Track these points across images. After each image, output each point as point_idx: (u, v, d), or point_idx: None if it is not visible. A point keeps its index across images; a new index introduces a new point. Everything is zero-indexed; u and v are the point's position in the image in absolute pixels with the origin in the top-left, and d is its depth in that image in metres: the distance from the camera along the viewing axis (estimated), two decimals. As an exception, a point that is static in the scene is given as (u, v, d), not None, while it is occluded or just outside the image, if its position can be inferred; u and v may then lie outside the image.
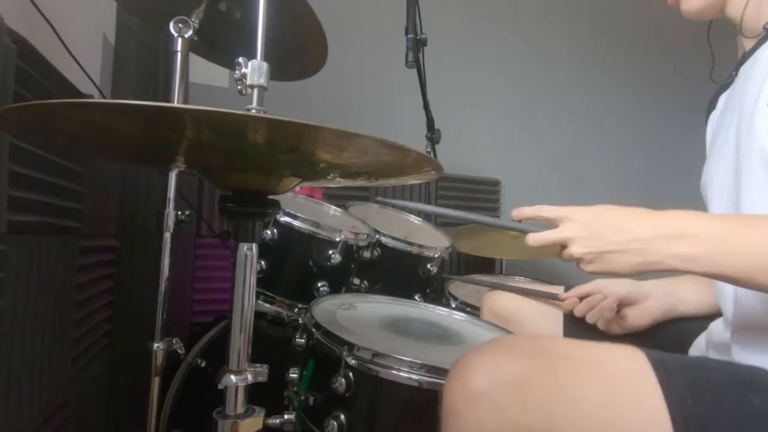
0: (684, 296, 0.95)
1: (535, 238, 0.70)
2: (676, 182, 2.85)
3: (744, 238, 0.59)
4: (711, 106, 0.89)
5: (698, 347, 0.89)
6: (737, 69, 0.82)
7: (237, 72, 0.64)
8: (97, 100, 0.43)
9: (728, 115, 0.81)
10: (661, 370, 0.57)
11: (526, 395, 0.57)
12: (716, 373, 0.61)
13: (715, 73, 0.87)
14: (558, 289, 1.02)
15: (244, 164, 0.64)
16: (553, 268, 2.46)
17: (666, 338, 0.95)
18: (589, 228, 0.65)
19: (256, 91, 0.64)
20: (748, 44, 0.79)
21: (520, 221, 0.73)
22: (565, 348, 0.64)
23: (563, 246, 0.68)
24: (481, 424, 0.57)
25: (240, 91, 0.65)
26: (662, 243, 0.62)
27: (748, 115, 0.74)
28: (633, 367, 0.59)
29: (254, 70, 0.64)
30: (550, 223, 0.69)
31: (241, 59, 0.64)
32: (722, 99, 0.86)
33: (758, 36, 0.77)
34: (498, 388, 0.58)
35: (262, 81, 0.64)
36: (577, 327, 0.97)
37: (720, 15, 0.83)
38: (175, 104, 1.00)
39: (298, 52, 1.13)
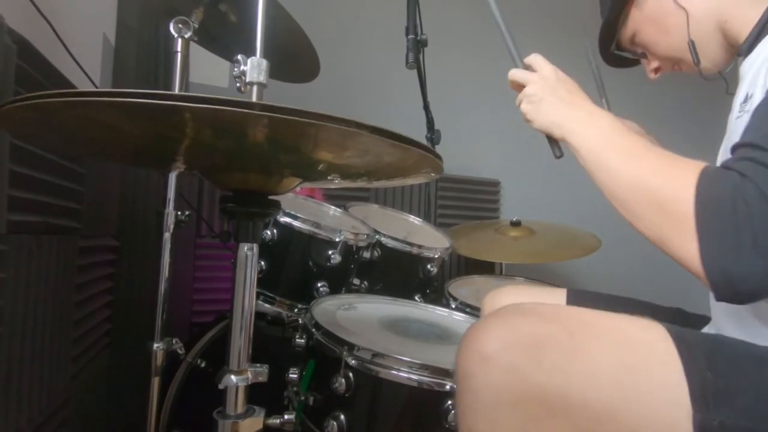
0: None
1: (513, 72, 0.87)
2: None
3: (610, 153, 0.68)
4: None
5: None
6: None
7: (236, 69, 0.64)
8: (97, 94, 0.43)
9: (729, 119, 0.82)
10: (681, 342, 0.57)
11: (541, 355, 0.56)
12: (735, 349, 0.61)
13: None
14: (560, 293, 1.02)
15: (245, 164, 0.64)
16: (552, 271, 2.46)
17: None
18: (546, 83, 0.81)
19: (255, 88, 0.64)
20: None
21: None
22: (582, 315, 0.63)
23: (524, 85, 0.83)
24: (493, 385, 0.57)
25: (239, 88, 0.65)
26: (574, 124, 0.76)
27: (729, 131, 0.76)
28: (653, 337, 0.58)
29: (253, 67, 0.64)
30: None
31: (240, 56, 0.64)
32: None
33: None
34: (512, 349, 0.57)
35: (262, 78, 0.64)
36: None
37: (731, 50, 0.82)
38: (176, 92, 1.00)
39: (289, 61, 1.15)
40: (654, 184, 0.60)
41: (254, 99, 0.64)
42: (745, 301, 0.56)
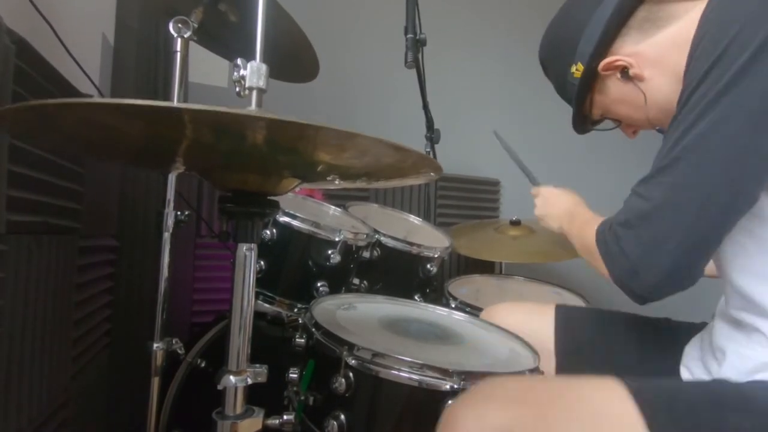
0: None
1: (533, 191, 1.28)
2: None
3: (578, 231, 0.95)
4: None
5: (691, 354, 0.88)
6: None
7: (236, 73, 0.64)
8: (97, 99, 0.43)
9: None
10: (640, 397, 0.60)
11: None
12: (693, 395, 0.64)
13: None
14: (549, 310, 1.05)
15: (244, 165, 0.64)
16: (552, 271, 2.46)
17: (658, 336, 0.95)
18: (543, 201, 1.20)
19: (255, 93, 0.64)
20: None
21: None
22: (550, 389, 0.67)
23: (535, 201, 1.22)
24: None
25: (238, 93, 0.65)
26: (563, 219, 1.09)
27: None
28: (613, 398, 0.62)
29: (253, 72, 0.64)
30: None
31: (239, 61, 0.64)
32: None
33: None
34: None
35: (261, 83, 0.64)
36: (569, 344, 0.99)
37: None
38: (175, 103, 1.00)
39: (288, 62, 1.15)
40: (588, 245, 0.84)
41: (254, 104, 0.64)
42: (648, 299, 0.71)
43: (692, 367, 0.84)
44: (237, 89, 0.65)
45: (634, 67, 0.83)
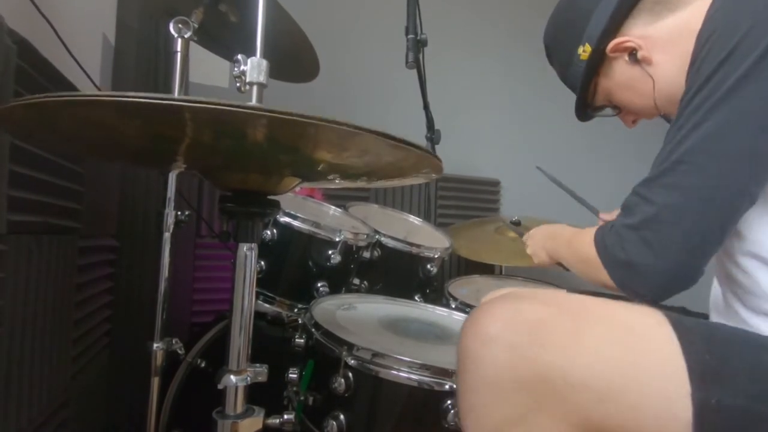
0: None
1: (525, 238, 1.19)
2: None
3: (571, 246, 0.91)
4: None
5: None
6: None
7: (236, 69, 0.64)
8: (96, 93, 0.43)
9: None
10: (679, 327, 0.59)
11: (543, 335, 0.59)
12: (731, 334, 0.64)
13: None
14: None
15: (244, 164, 0.64)
16: (552, 271, 2.45)
17: None
18: (529, 240, 1.14)
19: (255, 88, 0.64)
20: None
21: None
22: (583, 300, 0.66)
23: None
24: (496, 364, 0.59)
25: (239, 88, 0.65)
26: (545, 244, 1.07)
27: None
28: (651, 321, 0.61)
29: (254, 67, 0.64)
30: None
31: (240, 56, 0.64)
32: None
33: None
34: (515, 329, 0.59)
35: (262, 78, 0.64)
36: None
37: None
38: (176, 96, 1.00)
39: (289, 62, 1.15)
40: (581, 254, 0.83)
41: (254, 99, 0.64)
42: (650, 299, 0.70)
43: None
44: (237, 84, 0.65)
45: (643, 50, 0.82)
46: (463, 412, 0.62)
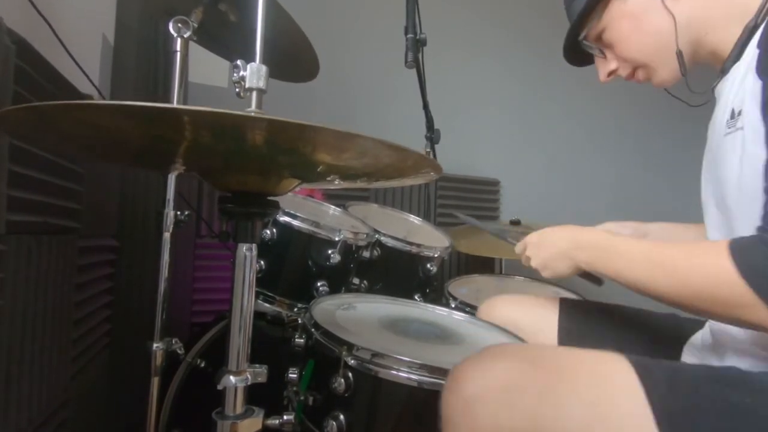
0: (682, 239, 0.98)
1: (515, 247, 1.00)
2: (672, 183, 2.85)
3: (625, 254, 0.74)
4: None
5: (695, 344, 0.89)
6: (713, 89, 0.80)
7: (236, 74, 0.64)
8: (97, 101, 0.43)
9: (711, 136, 0.80)
10: (641, 369, 0.60)
11: (514, 399, 0.59)
12: (694, 373, 0.64)
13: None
14: (553, 303, 1.03)
15: (243, 166, 0.64)
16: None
17: (662, 331, 0.95)
18: (533, 246, 0.93)
19: (254, 94, 0.64)
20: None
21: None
22: (553, 355, 0.67)
23: (526, 255, 0.95)
24: (474, 425, 0.59)
25: (238, 94, 0.64)
26: (574, 252, 0.83)
27: (715, 147, 0.75)
28: (615, 368, 0.61)
29: (253, 72, 0.63)
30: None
31: (239, 62, 0.64)
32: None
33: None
34: (488, 394, 0.60)
35: (261, 84, 0.64)
36: (572, 335, 0.98)
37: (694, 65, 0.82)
38: (175, 105, 1.00)
39: (288, 62, 1.15)
40: (695, 286, 0.65)
41: (253, 105, 0.64)
42: None
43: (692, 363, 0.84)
44: (237, 90, 0.65)
45: None
46: None
